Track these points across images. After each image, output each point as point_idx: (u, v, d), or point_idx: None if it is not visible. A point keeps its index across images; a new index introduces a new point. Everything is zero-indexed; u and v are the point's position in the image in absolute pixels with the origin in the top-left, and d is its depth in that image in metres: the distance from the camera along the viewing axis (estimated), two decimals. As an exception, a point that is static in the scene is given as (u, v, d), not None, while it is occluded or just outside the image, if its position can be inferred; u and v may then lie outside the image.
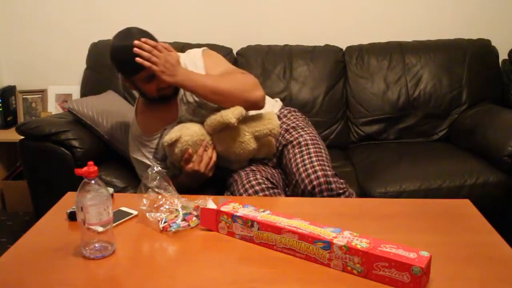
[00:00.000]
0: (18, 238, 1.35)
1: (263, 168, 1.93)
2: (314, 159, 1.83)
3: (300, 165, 1.82)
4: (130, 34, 1.79)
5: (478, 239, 1.32)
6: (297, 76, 2.68)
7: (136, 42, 1.74)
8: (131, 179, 2.13)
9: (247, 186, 1.79)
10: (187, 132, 1.80)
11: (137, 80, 1.85)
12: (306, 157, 1.84)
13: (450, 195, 2.01)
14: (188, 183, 1.86)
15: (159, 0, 2.94)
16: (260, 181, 1.80)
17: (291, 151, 1.90)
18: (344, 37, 2.83)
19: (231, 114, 1.74)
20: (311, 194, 1.77)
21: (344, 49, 2.78)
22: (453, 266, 1.19)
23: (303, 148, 1.88)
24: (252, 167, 1.92)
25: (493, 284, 1.12)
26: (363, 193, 2.09)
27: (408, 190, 2.06)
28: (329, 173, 1.79)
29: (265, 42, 2.83)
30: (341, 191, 1.78)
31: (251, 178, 1.81)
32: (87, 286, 1.16)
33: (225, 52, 2.73)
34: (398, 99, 2.64)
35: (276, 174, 1.94)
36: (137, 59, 1.73)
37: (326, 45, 2.80)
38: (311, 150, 1.87)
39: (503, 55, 2.74)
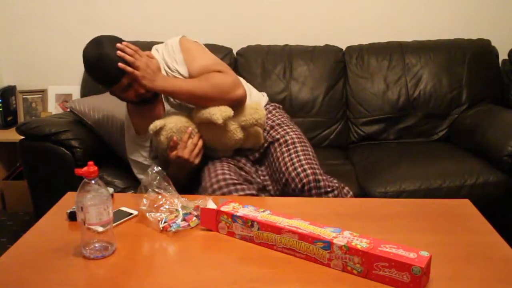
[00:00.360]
0: (18, 238, 1.35)
1: (240, 162, 1.93)
2: (302, 157, 1.82)
3: (288, 164, 1.82)
4: (101, 43, 1.78)
5: (478, 239, 1.32)
6: (297, 76, 2.68)
7: (119, 45, 1.75)
8: (132, 179, 2.13)
9: (213, 180, 1.77)
10: (172, 120, 1.81)
11: (116, 90, 1.84)
12: (294, 155, 1.84)
13: (450, 195, 2.01)
14: (176, 173, 1.83)
15: (159, 0, 2.94)
16: (227, 176, 1.78)
17: (278, 149, 1.90)
18: (344, 37, 2.83)
19: (219, 115, 1.75)
20: (301, 192, 1.76)
21: (344, 49, 2.78)
22: (453, 266, 1.19)
23: (290, 147, 1.87)
24: (229, 160, 1.91)
25: (493, 284, 1.12)
26: (363, 193, 2.09)
27: (408, 190, 2.06)
28: (318, 171, 1.79)
29: (265, 42, 2.83)
30: (329, 189, 1.78)
31: (219, 172, 1.79)
32: (87, 286, 1.16)
33: (225, 52, 2.73)
34: (398, 99, 2.64)
35: (253, 169, 1.95)
36: (120, 64, 1.73)
37: (326, 45, 2.80)
38: (299, 149, 1.86)
39: (503, 55, 2.74)
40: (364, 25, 2.90)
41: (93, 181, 1.21)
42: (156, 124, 1.79)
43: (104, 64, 1.75)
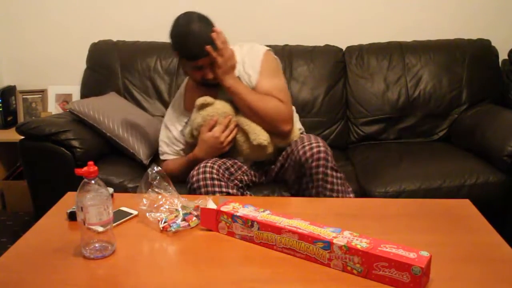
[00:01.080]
0: (18, 238, 1.35)
1: (228, 162, 1.96)
2: (313, 139, 1.88)
3: (299, 143, 1.87)
4: (195, 19, 1.89)
5: (478, 239, 1.33)
6: (297, 76, 2.68)
7: (216, 28, 1.86)
8: (129, 176, 2.13)
9: (199, 171, 1.81)
10: (220, 103, 1.92)
11: (188, 64, 1.92)
12: (306, 138, 1.89)
13: (450, 195, 2.01)
14: (200, 156, 1.91)
15: (159, 0, 2.94)
16: (208, 169, 1.81)
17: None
18: (344, 37, 2.83)
19: (265, 140, 1.89)
20: (307, 161, 1.80)
21: (344, 49, 2.78)
22: (453, 266, 1.19)
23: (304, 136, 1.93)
24: (225, 159, 1.96)
25: (493, 284, 1.12)
26: (363, 193, 2.09)
27: (408, 190, 2.06)
28: (329, 152, 1.85)
29: (265, 42, 2.82)
30: (335, 167, 1.84)
31: (201, 165, 1.83)
32: (87, 286, 1.16)
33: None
34: (398, 99, 2.64)
35: (247, 173, 2.01)
36: (208, 46, 1.82)
37: (326, 45, 2.80)
38: (311, 136, 1.91)
39: (503, 55, 2.74)
40: (364, 25, 2.90)
41: (93, 181, 1.21)
42: (206, 99, 1.89)
43: (194, 39, 1.84)
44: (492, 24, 2.85)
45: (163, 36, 2.86)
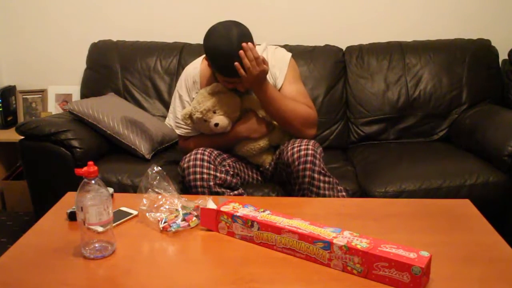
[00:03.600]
0: (18, 238, 1.35)
1: (223, 154, 2.00)
2: (303, 141, 1.87)
3: (289, 144, 1.88)
4: (231, 37, 1.79)
5: (478, 239, 1.33)
6: (297, 76, 2.68)
7: (244, 45, 1.78)
8: (129, 174, 2.14)
9: (192, 152, 1.85)
10: (233, 94, 1.96)
11: (219, 76, 1.90)
12: (297, 140, 1.89)
13: (450, 195, 2.01)
14: (223, 143, 2.00)
15: (158, 0, 2.94)
16: (200, 156, 1.84)
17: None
18: (344, 37, 2.83)
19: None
20: (293, 163, 1.81)
21: (344, 49, 2.78)
22: (453, 266, 1.19)
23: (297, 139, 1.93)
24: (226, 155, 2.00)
25: (492, 284, 1.12)
26: (363, 193, 2.09)
27: (408, 190, 2.06)
28: (318, 155, 1.83)
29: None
30: (323, 171, 1.82)
31: (200, 151, 1.85)
32: (87, 286, 1.16)
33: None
34: (398, 99, 2.64)
35: (244, 170, 2.06)
36: (236, 64, 1.77)
37: (326, 45, 2.79)
38: (303, 140, 1.90)
39: (503, 55, 2.74)
40: (364, 25, 2.90)
41: (93, 181, 1.21)
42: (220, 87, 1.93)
43: (224, 58, 1.80)
44: (492, 24, 2.85)
45: (163, 36, 2.89)
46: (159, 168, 1.47)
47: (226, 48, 1.77)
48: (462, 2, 2.85)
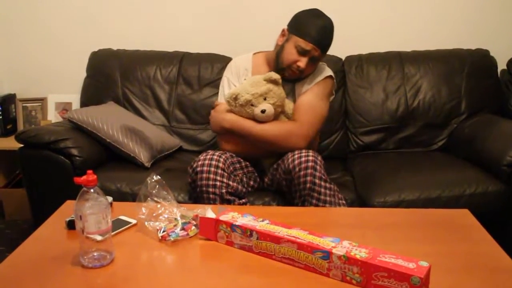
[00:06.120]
0: (16, 246, 1.35)
1: (239, 163, 2.05)
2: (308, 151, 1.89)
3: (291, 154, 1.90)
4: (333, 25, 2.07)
5: (477, 249, 1.32)
6: (297, 85, 2.68)
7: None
8: (128, 183, 2.14)
9: (206, 157, 1.88)
10: (283, 90, 2.01)
11: (299, 43, 2.01)
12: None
13: (449, 205, 2.01)
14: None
15: (158, 10, 2.96)
16: (221, 161, 1.87)
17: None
18: (343, 47, 2.84)
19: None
20: (294, 169, 1.82)
21: (343, 59, 2.79)
22: (452, 276, 1.19)
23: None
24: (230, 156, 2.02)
25: (492, 294, 1.12)
26: (362, 203, 2.09)
27: (407, 200, 2.06)
28: (319, 163, 1.85)
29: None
30: (324, 177, 1.84)
31: (215, 157, 1.88)
32: (86, 295, 1.16)
33: (225, 61, 2.74)
34: (397, 108, 2.65)
35: (247, 175, 2.08)
36: (319, 52, 2.01)
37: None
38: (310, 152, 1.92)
39: (501, 65, 2.75)
40: (363, 35, 2.91)
41: (92, 190, 1.21)
42: (278, 79, 1.97)
43: (329, 32, 2.05)
44: (491, 35, 2.86)
45: (163, 45, 2.90)
46: (158, 177, 1.47)
47: (331, 24, 2.04)
48: (461, 12, 2.86)
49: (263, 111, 1.93)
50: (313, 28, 2.00)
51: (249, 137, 1.99)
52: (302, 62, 2.02)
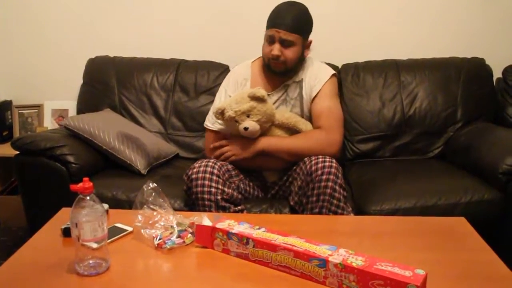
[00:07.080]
0: (11, 253, 1.34)
1: (233, 171, 2.04)
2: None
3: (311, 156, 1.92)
4: (304, 6, 2.13)
5: (473, 257, 1.32)
6: (293, 93, 2.68)
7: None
8: (124, 190, 2.13)
9: (201, 164, 1.88)
10: (271, 105, 2.05)
11: (268, 32, 2.09)
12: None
13: (445, 213, 2.01)
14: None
15: (155, 17, 2.96)
16: (216, 168, 1.87)
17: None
18: (339, 55, 2.85)
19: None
20: (316, 171, 1.82)
21: (340, 66, 2.80)
22: (449, 284, 1.18)
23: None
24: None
25: (488, 303, 1.12)
26: (358, 211, 2.08)
27: (403, 208, 2.06)
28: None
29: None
30: (339, 180, 1.85)
31: (210, 164, 1.88)
32: (81, 303, 1.15)
33: (222, 69, 2.75)
34: (394, 116, 2.65)
35: (244, 183, 2.08)
36: (297, 36, 2.06)
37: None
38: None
39: (497, 74, 2.76)
40: (360, 43, 2.92)
41: (88, 197, 1.21)
42: (265, 94, 1.99)
43: (295, 12, 2.07)
44: (486, 43, 2.88)
45: (160, 52, 2.90)
46: (155, 184, 1.47)
47: (299, 4, 2.08)
48: (456, 21, 2.88)
49: (245, 129, 1.96)
50: (272, 15, 2.09)
51: (283, 156, 2.03)
52: (274, 50, 2.05)
